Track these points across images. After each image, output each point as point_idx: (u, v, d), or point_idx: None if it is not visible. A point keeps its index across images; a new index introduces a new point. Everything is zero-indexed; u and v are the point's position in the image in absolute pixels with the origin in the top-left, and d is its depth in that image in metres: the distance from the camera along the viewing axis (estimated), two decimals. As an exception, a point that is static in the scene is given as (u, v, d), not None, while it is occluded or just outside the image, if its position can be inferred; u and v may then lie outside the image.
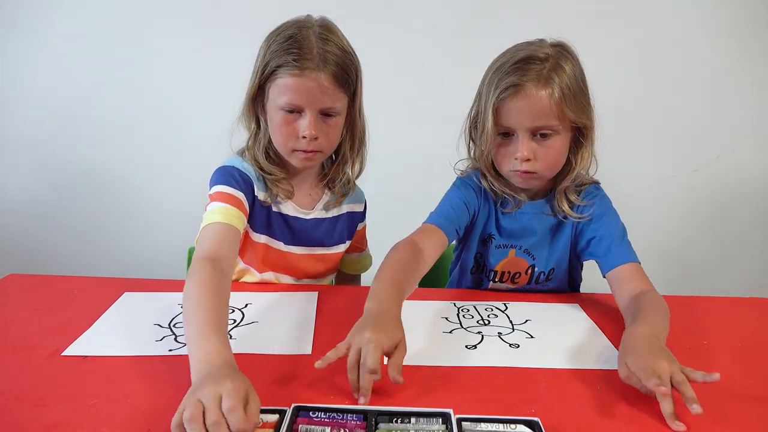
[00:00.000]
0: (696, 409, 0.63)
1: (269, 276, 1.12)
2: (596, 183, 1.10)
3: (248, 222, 1.04)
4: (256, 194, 1.04)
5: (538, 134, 0.96)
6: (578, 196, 1.06)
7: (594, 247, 1.05)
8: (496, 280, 1.12)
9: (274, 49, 0.96)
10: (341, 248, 1.17)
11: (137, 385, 0.70)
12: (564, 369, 0.78)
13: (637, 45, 1.78)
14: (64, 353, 0.77)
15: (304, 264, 1.14)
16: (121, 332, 0.86)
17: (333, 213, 1.14)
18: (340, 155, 1.10)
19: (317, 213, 1.12)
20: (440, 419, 0.62)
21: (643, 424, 0.65)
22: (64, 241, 1.91)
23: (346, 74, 0.98)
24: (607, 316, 0.97)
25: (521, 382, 0.74)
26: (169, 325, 0.88)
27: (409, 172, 1.87)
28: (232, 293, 1.01)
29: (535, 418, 0.62)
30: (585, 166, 1.02)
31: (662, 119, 1.85)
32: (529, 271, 1.11)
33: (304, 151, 0.99)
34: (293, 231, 1.10)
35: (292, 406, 0.63)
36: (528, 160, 0.96)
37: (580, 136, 1.00)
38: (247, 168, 1.05)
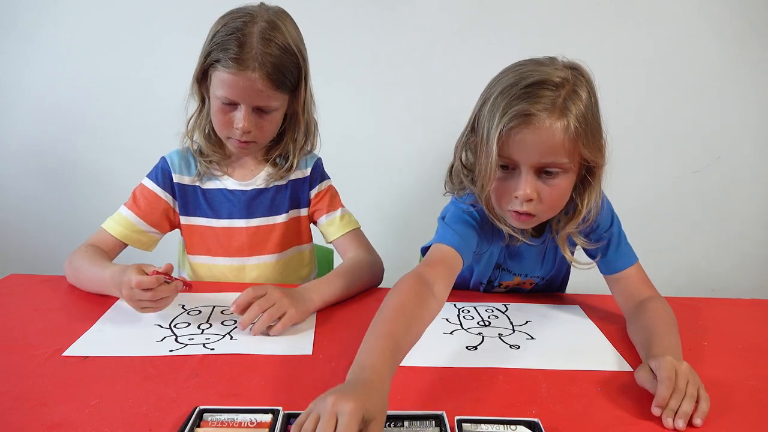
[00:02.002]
0: (679, 424, 0.64)
1: (204, 260, 1.15)
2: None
3: (180, 208, 1.13)
4: (176, 182, 1.11)
5: (544, 171, 0.83)
6: (585, 237, 0.94)
7: (592, 252, 1.00)
8: (500, 288, 1.11)
9: (217, 40, 0.99)
10: (282, 218, 1.15)
11: (138, 385, 0.70)
12: (564, 370, 0.78)
13: (637, 45, 1.78)
14: (65, 353, 0.78)
15: (247, 237, 1.13)
16: (121, 332, 0.86)
17: (275, 183, 1.15)
18: (283, 142, 1.13)
19: (257, 184, 1.14)
20: (434, 421, 0.62)
21: (643, 425, 0.65)
22: (64, 242, 1.90)
23: (283, 75, 1.00)
24: (608, 318, 0.97)
25: (522, 383, 0.74)
26: (170, 325, 0.88)
27: (410, 173, 1.87)
28: (232, 293, 1.02)
29: (536, 419, 0.62)
30: (592, 208, 0.89)
31: (662, 120, 1.85)
32: (532, 284, 1.10)
33: (238, 140, 1.04)
34: (233, 203, 1.13)
35: (283, 412, 0.62)
36: (530, 200, 0.83)
37: (589, 174, 0.87)
38: (173, 157, 1.13)
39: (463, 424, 0.61)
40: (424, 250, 0.95)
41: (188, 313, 0.93)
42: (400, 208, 1.89)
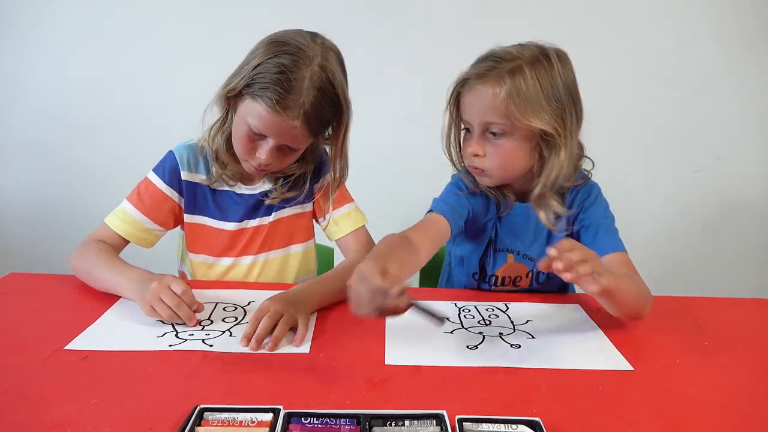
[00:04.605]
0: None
1: (204, 258, 1.14)
2: (589, 180, 1.07)
3: (186, 206, 1.10)
4: (184, 179, 1.08)
5: (489, 132, 0.96)
6: (563, 202, 1.02)
7: (582, 236, 1.05)
8: (498, 284, 1.12)
9: (261, 73, 0.93)
10: (283, 215, 1.14)
11: (139, 384, 0.70)
12: (565, 369, 0.78)
13: (638, 45, 1.78)
14: (66, 347, 0.78)
15: (250, 237, 1.13)
16: (123, 328, 0.86)
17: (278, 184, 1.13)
18: (299, 168, 1.11)
19: (264, 187, 1.13)
20: (434, 420, 0.62)
21: (643, 424, 0.65)
22: (63, 241, 1.90)
23: (322, 125, 1.00)
24: (608, 317, 0.97)
25: (522, 383, 0.74)
26: (171, 321, 0.88)
27: (406, 172, 1.87)
28: (234, 291, 1.03)
29: (536, 419, 0.62)
30: (556, 176, 0.96)
31: (663, 120, 1.85)
32: (530, 275, 1.11)
33: (255, 168, 1.02)
34: (239, 206, 1.12)
35: (284, 411, 0.62)
36: (477, 155, 0.97)
37: (547, 143, 0.96)
38: (182, 152, 1.09)
39: (464, 423, 0.61)
40: None
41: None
42: (402, 207, 1.88)
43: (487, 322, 0.93)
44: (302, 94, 0.93)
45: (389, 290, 0.67)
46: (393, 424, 0.61)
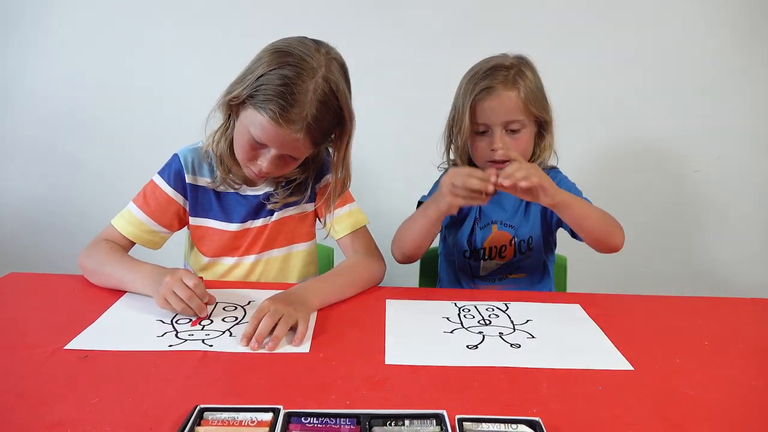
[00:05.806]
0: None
1: (209, 260, 1.15)
2: (555, 168, 1.25)
3: (190, 209, 1.11)
4: (188, 182, 1.10)
5: (509, 129, 1.13)
6: None
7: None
8: (486, 257, 1.23)
9: (264, 84, 0.92)
10: (286, 215, 1.15)
11: (139, 384, 0.70)
12: (565, 369, 0.78)
13: (637, 45, 1.78)
14: (66, 347, 0.78)
15: (254, 237, 1.14)
16: (123, 328, 0.86)
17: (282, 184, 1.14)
18: (302, 183, 1.13)
19: (267, 188, 1.14)
20: (434, 420, 0.62)
21: (643, 424, 0.65)
22: (63, 241, 1.91)
23: (325, 136, 1.01)
24: (608, 316, 0.97)
25: (522, 382, 0.74)
26: (171, 321, 0.89)
27: (406, 172, 1.86)
28: (235, 291, 1.03)
29: (537, 418, 0.62)
30: (546, 155, 1.21)
31: (663, 119, 1.85)
32: (513, 242, 1.22)
33: (256, 174, 1.03)
34: (243, 206, 1.13)
35: (284, 411, 0.62)
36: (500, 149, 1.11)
37: (542, 130, 1.19)
38: (186, 156, 1.10)
39: (464, 423, 0.61)
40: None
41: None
42: (402, 207, 1.88)
43: (487, 322, 0.93)
44: (305, 107, 0.93)
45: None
46: (393, 424, 0.61)
